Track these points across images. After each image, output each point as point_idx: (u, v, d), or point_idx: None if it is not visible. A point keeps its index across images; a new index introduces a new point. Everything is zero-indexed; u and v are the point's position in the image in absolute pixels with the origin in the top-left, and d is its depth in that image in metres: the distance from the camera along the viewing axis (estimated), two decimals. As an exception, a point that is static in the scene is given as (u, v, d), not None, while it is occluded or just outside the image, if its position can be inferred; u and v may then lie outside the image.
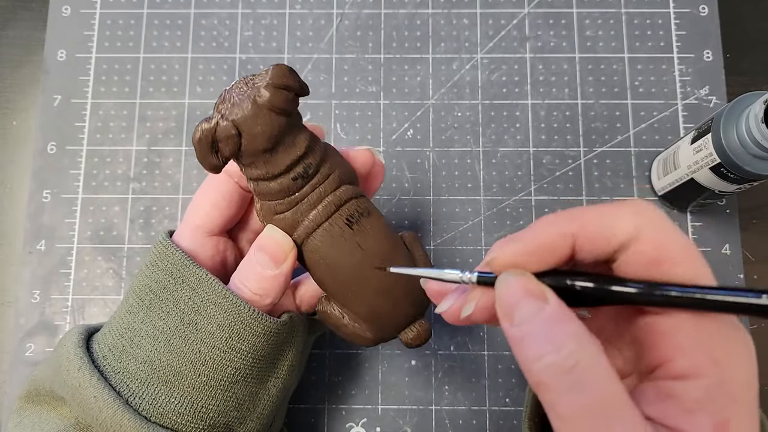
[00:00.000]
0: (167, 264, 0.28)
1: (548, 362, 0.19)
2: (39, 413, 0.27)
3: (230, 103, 0.25)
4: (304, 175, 0.27)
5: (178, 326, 0.27)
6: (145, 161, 0.43)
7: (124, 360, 0.26)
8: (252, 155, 0.26)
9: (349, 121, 0.43)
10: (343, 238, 0.28)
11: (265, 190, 0.27)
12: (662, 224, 0.20)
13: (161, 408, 0.26)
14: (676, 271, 0.20)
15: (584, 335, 0.19)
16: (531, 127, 0.43)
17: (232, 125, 0.25)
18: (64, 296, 0.41)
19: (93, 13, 0.45)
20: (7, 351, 0.40)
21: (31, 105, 0.44)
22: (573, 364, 0.19)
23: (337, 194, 0.28)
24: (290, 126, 0.26)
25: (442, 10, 0.45)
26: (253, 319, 0.27)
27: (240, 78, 0.26)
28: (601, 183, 0.42)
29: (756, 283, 0.40)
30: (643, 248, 0.20)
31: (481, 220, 0.41)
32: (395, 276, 0.26)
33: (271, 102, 0.25)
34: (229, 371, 0.27)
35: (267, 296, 0.28)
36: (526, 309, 0.20)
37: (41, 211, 0.42)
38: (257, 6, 0.45)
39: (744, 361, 0.20)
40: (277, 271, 0.28)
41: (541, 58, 0.44)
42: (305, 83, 0.26)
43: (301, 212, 0.27)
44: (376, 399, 0.39)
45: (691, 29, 0.44)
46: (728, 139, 0.32)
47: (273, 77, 0.25)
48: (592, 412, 0.19)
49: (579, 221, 0.21)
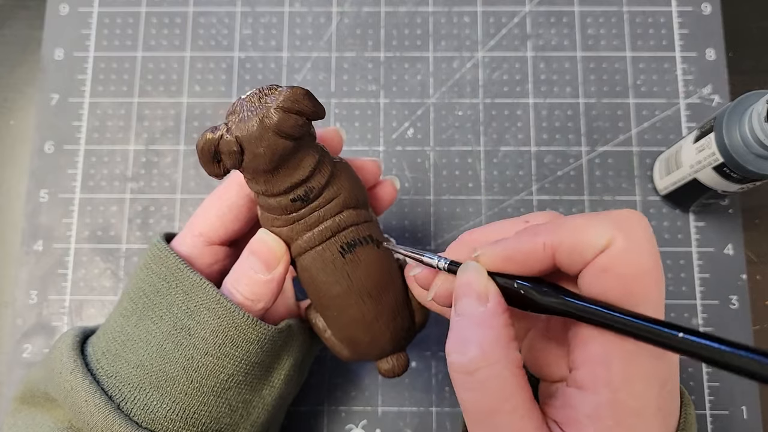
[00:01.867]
0: (161, 267, 0.27)
1: (454, 360, 0.22)
2: (33, 415, 0.27)
3: (238, 117, 0.25)
4: (305, 198, 0.26)
5: (170, 331, 0.26)
6: (143, 161, 0.42)
7: (117, 364, 0.26)
8: (253, 172, 0.25)
9: (349, 120, 0.43)
10: (334, 265, 0.27)
11: (264, 204, 0.27)
12: (632, 242, 0.20)
13: (153, 413, 0.25)
14: (632, 291, 0.20)
15: (497, 345, 0.21)
16: (532, 126, 0.42)
17: (235, 141, 0.24)
18: (61, 297, 0.40)
19: (91, 11, 0.45)
20: (5, 352, 0.40)
21: (29, 104, 0.44)
22: (474, 369, 0.21)
23: (336, 220, 0.27)
24: (297, 148, 0.25)
25: (443, 8, 0.44)
26: (247, 325, 0.27)
27: (257, 89, 0.25)
28: (603, 182, 0.41)
29: (759, 284, 0.40)
30: (606, 265, 0.20)
31: (482, 220, 0.41)
32: (377, 312, 0.28)
33: (278, 126, 0.24)
34: (222, 377, 0.27)
35: (259, 301, 0.28)
36: (466, 304, 0.23)
37: (38, 211, 0.41)
38: (256, 4, 0.45)
39: (646, 388, 0.20)
40: (269, 276, 0.27)
41: (542, 57, 0.43)
42: (321, 106, 0.25)
43: (296, 231, 0.27)
44: (375, 401, 0.39)
45: (694, 28, 0.43)
46: (731, 139, 0.32)
47: (285, 101, 0.24)
48: (486, 416, 0.21)
49: (558, 234, 0.21)
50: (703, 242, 0.40)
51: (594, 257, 0.21)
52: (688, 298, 0.40)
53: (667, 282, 0.40)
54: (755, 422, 0.38)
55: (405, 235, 0.41)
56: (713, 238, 0.40)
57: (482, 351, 0.21)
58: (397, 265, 0.30)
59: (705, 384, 0.38)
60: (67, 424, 0.26)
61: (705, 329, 0.39)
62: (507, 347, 0.21)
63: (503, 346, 0.21)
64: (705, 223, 0.41)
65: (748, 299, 0.39)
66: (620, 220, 0.21)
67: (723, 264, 0.40)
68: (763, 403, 0.38)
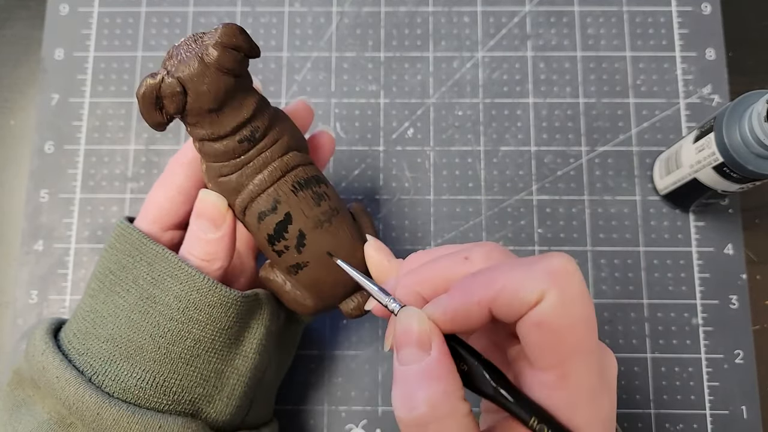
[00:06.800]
0: (125, 244, 0.28)
1: (402, 416, 0.21)
2: (25, 398, 0.27)
3: (177, 60, 0.25)
4: (251, 138, 0.27)
5: (137, 302, 0.27)
6: (143, 161, 0.42)
7: (88, 342, 0.27)
8: (197, 114, 0.26)
9: (349, 120, 0.43)
10: (288, 204, 0.27)
11: (211, 151, 0.27)
12: (564, 295, 0.20)
13: (124, 383, 0.26)
14: (565, 341, 0.21)
15: (445, 398, 0.21)
16: (532, 126, 0.42)
17: (177, 82, 0.24)
18: (61, 297, 0.40)
19: (91, 11, 0.45)
20: (5, 352, 0.40)
21: (29, 104, 0.44)
22: (423, 425, 0.21)
23: (284, 160, 0.27)
24: (238, 87, 0.26)
25: (443, 8, 0.44)
26: (208, 289, 0.27)
27: (189, 35, 0.26)
28: (602, 182, 0.41)
29: (758, 284, 0.40)
30: (539, 319, 0.21)
31: (482, 220, 0.41)
32: (337, 245, 0.28)
33: (218, 61, 0.24)
34: (189, 343, 0.27)
35: (216, 260, 0.28)
36: (408, 354, 0.22)
37: (39, 211, 0.41)
38: (256, 4, 0.45)
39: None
40: (219, 234, 0.28)
41: (542, 57, 0.43)
42: (256, 44, 0.26)
43: (246, 176, 0.27)
44: (375, 400, 0.39)
45: (694, 27, 0.43)
46: (731, 139, 0.32)
47: (222, 36, 0.25)
48: None
49: (491, 289, 0.21)
50: (703, 242, 0.40)
51: (527, 311, 0.21)
52: (688, 297, 0.40)
53: (667, 282, 0.40)
54: (755, 422, 0.38)
55: (405, 235, 0.41)
56: (713, 238, 0.40)
57: (430, 407, 0.21)
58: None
59: (705, 384, 0.38)
60: (47, 417, 0.26)
61: (705, 329, 0.39)
62: (455, 397, 0.21)
63: (450, 397, 0.21)
64: (705, 222, 0.41)
65: (748, 299, 0.39)
66: (552, 273, 0.21)
67: (723, 264, 0.40)
68: (763, 403, 0.38)
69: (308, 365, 0.39)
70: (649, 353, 0.39)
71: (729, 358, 0.39)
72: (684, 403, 0.38)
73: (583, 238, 0.41)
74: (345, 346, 0.39)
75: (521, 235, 0.41)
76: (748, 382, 0.38)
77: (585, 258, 0.40)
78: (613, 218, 0.41)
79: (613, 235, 0.41)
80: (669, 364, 0.39)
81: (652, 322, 0.39)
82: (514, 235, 0.41)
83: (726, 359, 0.39)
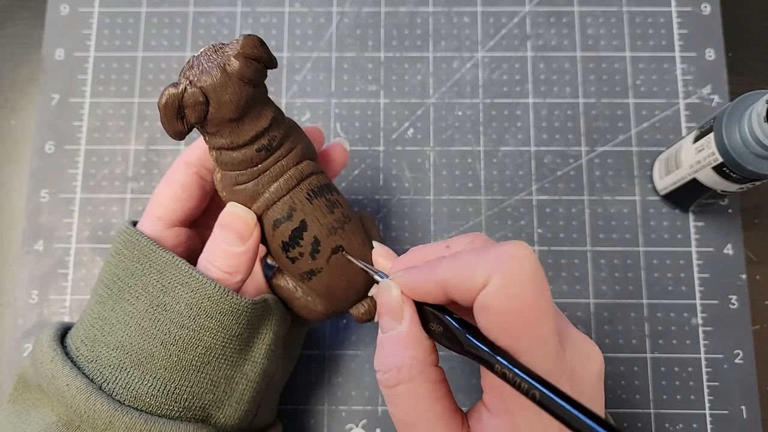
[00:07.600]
0: (133, 251, 0.28)
1: (378, 376, 0.24)
2: (28, 408, 0.27)
3: (199, 69, 0.25)
4: (269, 147, 0.27)
5: (147, 309, 0.27)
6: (143, 161, 0.42)
7: (97, 349, 0.27)
8: (218, 124, 0.26)
9: (349, 120, 0.43)
10: (303, 212, 0.28)
11: (228, 160, 0.27)
12: (509, 279, 0.21)
13: (135, 391, 0.26)
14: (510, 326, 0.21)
15: (414, 363, 0.23)
16: (532, 126, 0.42)
17: (200, 92, 0.25)
18: (62, 296, 0.40)
19: (91, 11, 0.45)
20: (5, 351, 0.40)
21: (29, 104, 0.44)
22: (393, 385, 0.23)
23: (299, 168, 0.28)
24: (257, 97, 0.26)
25: (443, 9, 0.44)
26: (220, 297, 0.27)
27: (209, 45, 0.26)
28: (602, 182, 0.41)
29: (758, 284, 0.40)
30: (484, 302, 0.21)
31: (481, 220, 0.41)
32: (349, 251, 0.29)
33: (241, 72, 0.25)
34: (200, 350, 0.27)
35: (237, 273, 0.28)
36: (385, 323, 0.25)
37: (39, 211, 0.41)
38: (256, 4, 0.45)
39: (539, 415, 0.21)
40: (244, 248, 0.28)
41: (542, 57, 0.43)
42: (274, 56, 0.26)
43: (262, 184, 0.27)
44: (376, 400, 0.39)
45: (693, 28, 0.43)
46: (730, 139, 0.32)
47: (244, 47, 0.25)
48: (406, 428, 0.24)
49: (449, 271, 0.23)
50: (703, 242, 0.40)
51: (476, 295, 0.21)
52: (687, 297, 0.40)
53: (666, 282, 0.40)
54: (755, 422, 0.38)
55: (405, 235, 0.41)
56: (713, 238, 0.40)
57: (398, 369, 0.23)
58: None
59: (705, 384, 0.38)
60: (56, 419, 0.26)
61: (705, 329, 0.39)
62: (423, 363, 0.23)
63: (419, 363, 0.23)
64: (704, 222, 0.41)
65: (748, 299, 0.39)
66: (501, 257, 0.21)
67: (722, 264, 0.40)
68: (763, 403, 0.38)
69: (309, 365, 0.39)
70: (648, 353, 0.39)
71: (729, 358, 0.39)
72: (684, 402, 0.38)
73: (582, 238, 0.41)
74: (345, 346, 0.39)
75: (521, 235, 0.41)
76: (748, 382, 0.38)
77: (585, 258, 0.40)
78: (613, 218, 0.41)
79: (612, 235, 0.41)
80: (669, 364, 0.39)
81: (652, 322, 0.39)
82: (514, 235, 0.41)
83: (726, 359, 0.39)
